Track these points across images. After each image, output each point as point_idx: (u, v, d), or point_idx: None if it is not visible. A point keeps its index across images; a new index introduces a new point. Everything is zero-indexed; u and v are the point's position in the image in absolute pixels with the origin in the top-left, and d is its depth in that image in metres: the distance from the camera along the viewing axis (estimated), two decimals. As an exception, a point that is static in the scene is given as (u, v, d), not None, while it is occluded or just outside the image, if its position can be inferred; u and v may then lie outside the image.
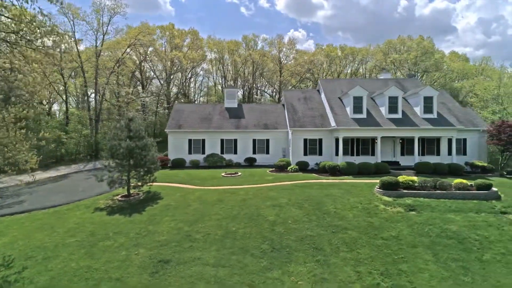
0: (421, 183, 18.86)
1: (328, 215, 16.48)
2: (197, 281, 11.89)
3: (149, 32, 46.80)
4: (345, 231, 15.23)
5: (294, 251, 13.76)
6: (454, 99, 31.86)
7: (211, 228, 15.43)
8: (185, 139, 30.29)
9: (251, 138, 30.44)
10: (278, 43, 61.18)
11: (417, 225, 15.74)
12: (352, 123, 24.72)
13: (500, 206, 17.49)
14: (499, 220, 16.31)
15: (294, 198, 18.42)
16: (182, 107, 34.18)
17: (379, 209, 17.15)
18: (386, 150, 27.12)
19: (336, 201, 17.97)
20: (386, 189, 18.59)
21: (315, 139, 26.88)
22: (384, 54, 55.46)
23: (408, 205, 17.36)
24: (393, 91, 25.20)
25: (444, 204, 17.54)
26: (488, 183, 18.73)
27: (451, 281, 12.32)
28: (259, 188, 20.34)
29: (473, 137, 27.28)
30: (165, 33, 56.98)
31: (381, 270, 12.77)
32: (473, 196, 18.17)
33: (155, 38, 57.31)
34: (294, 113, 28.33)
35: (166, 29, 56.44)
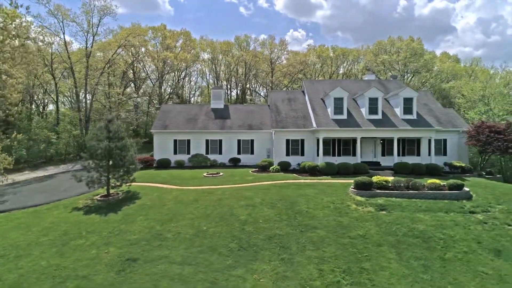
0: (394, 183, 19.20)
1: (299, 215, 16.79)
2: (161, 278, 12.19)
3: (139, 33, 47.07)
4: (314, 230, 15.54)
5: (261, 249, 14.07)
6: (436, 100, 32.21)
7: (182, 227, 15.73)
8: (171, 139, 30.61)
9: (235, 138, 30.77)
10: (270, 44, 61.54)
11: (386, 224, 16.08)
12: (333, 124, 25.05)
13: (470, 206, 17.84)
14: (466, 219, 16.67)
15: (269, 198, 18.73)
16: (168, 108, 34.50)
17: (350, 208, 17.48)
18: (367, 151, 27.47)
19: (310, 201, 18.28)
20: (359, 189, 18.92)
21: (297, 140, 27.22)
22: (374, 55, 55.84)
23: (379, 205, 17.69)
24: (373, 92, 25.54)
25: (415, 203, 17.87)
26: (460, 183, 19.06)
27: (411, 278, 12.66)
28: (237, 188, 20.64)
29: (453, 138, 27.65)
30: (157, 34, 57.23)
31: (344, 268, 13.10)
32: (444, 196, 18.51)
33: (148, 39, 57.67)
34: (278, 114, 28.66)
35: (157, 30, 56.72)
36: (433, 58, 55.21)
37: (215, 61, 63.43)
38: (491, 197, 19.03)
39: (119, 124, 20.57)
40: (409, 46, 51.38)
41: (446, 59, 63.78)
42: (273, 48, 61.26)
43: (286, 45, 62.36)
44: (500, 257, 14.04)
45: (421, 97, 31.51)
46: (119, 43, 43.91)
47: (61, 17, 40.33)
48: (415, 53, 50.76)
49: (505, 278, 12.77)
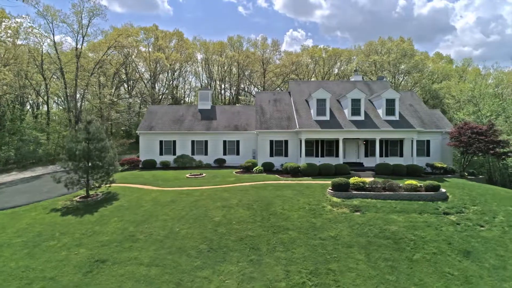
0: (371, 184, 19.30)
1: (273, 216, 16.88)
2: (127, 280, 12.28)
3: (130, 34, 47.09)
4: (286, 231, 15.63)
5: (230, 251, 14.16)
6: (422, 101, 32.33)
7: (155, 228, 15.81)
8: (156, 140, 30.68)
9: (221, 139, 30.85)
10: (262, 44, 61.64)
11: (358, 225, 16.17)
12: (315, 125, 25.14)
13: (445, 207, 17.96)
14: (439, 220, 16.78)
15: (246, 199, 18.81)
16: (155, 109, 34.57)
17: (325, 210, 17.57)
18: (350, 152, 27.58)
19: (286, 202, 18.37)
20: (336, 190, 19.02)
21: (281, 141, 27.32)
22: (366, 55, 55.95)
23: (354, 206, 17.78)
24: (355, 93, 25.64)
25: (390, 205, 17.98)
26: (436, 184, 19.18)
27: (376, 280, 12.76)
28: (216, 189, 20.72)
29: (436, 139, 27.75)
30: (149, 35, 57.25)
31: (311, 269, 13.19)
32: (420, 197, 18.61)
33: (140, 40, 57.71)
34: (262, 114, 28.75)
35: (149, 30, 56.75)
36: (424, 59, 55.34)
37: (209, 62, 63.48)
38: (467, 198, 19.16)
39: (98, 126, 20.62)
40: (399, 46, 51.51)
41: (439, 59, 63.91)
42: (265, 48, 61.37)
43: (279, 45, 62.51)
44: (469, 258, 14.15)
45: (407, 98, 31.65)
46: (109, 44, 43.92)
47: (50, 18, 40.37)
48: (405, 54, 50.87)
49: (470, 279, 12.89)
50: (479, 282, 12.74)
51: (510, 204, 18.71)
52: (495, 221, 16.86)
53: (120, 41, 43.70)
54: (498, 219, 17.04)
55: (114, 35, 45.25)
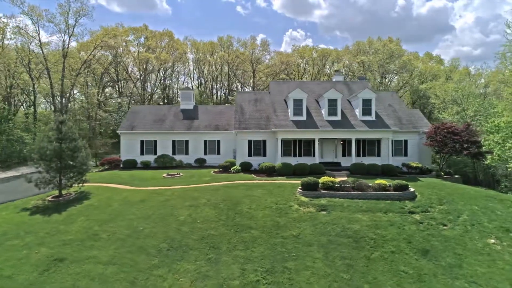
0: (340, 183, 19.45)
1: (239, 215, 17.02)
2: (82, 278, 12.41)
3: (116, 34, 47.15)
4: (249, 230, 15.78)
5: (190, 249, 14.31)
6: (402, 101, 32.53)
7: (120, 227, 15.94)
8: (137, 140, 30.78)
9: (202, 139, 30.97)
10: (251, 44, 61.77)
11: (322, 224, 16.33)
12: (291, 125, 25.30)
13: (411, 206, 18.12)
14: (403, 220, 16.94)
15: (215, 198, 18.94)
16: (137, 109, 34.67)
17: (292, 209, 17.72)
18: (328, 152, 27.74)
19: (254, 201, 18.51)
20: (305, 189, 19.17)
21: (259, 141, 27.46)
22: (353, 55, 56.15)
23: (321, 205, 17.93)
24: (331, 93, 25.80)
25: (357, 204, 18.13)
26: (404, 184, 19.35)
27: (330, 278, 12.94)
28: (188, 189, 20.85)
29: (414, 138, 27.92)
30: (138, 35, 57.30)
31: (267, 267, 13.35)
32: (387, 197, 18.77)
33: (131, 39, 57.77)
34: (242, 114, 28.89)
35: (139, 30, 56.81)
36: (413, 59, 55.54)
37: (199, 62, 63.56)
38: (435, 197, 19.33)
39: (71, 126, 20.74)
40: (386, 47, 51.69)
41: (429, 59, 64.14)
42: (254, 48, 61.51)
43: (268, 45, 62.66)
44: (426, 257, 14.33)
45: (387, 98, 31.84)
46: (95, 44, 44.00)
47: (36, 18, 40.43)
48: (392, 54, 51.05)
49: (424, 277, 13.07)
50: (432, 280, 12.93)
51: (476, 203, 18.89)
52: (459, 220, 17.04)
53: (106, 41, 43.78)
54: (462, 218, 17.22)
55: (100, 35, 45.31)
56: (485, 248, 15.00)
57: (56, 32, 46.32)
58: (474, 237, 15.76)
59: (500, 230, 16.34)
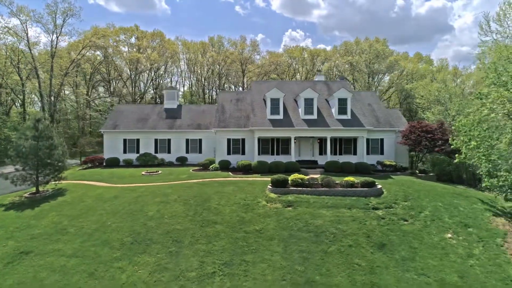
0: (309, 180, 19.94)
1: (206, 211, 17.49)
2: (43, 270, 12.89)
3: (105, 34, 47.59)
4: (214, 225, 16.25)
5: (153, 243, 14.78)
6: (380, 101, 33.06)
7: (88, 222, 16.40)
8: (120, 139, 31.24)
9: (184, 138, 31.47)
10: (241, 44, 62.31)
11: (286, 219, 16.78)
12: (268, 124, 25.79)
13: (376, 202, 18.61)
14: (366, 215, 17.42)
15: (186, 195, 19.41)
16: (122, 108, 35.14)
17: (259, 205, 18.18)
18: (306, 150, 28.24)
19: (223, 198, 18.98)
20: (275, 186, 19.64)
21: (238, 139, 27.95)
22: (341, 55, 56.72)
23: (288, 202, 18.40)
24: (308, 93, 26.31)
25: (323, 200, 18.61)
26: (371, 181, 19.86)
27: (285, 270, 13.42)
28: (162, 186, 21.33)
29: (390, 137, 28.43)
30: (129, 35, 57.73)
31: (226, 260, 13.83)
32: (354, 193, 19.25)
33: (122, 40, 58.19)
34: (222, 113, 29.39)
35: (129, 30, 57.24)
36: (400, 59, 56.09)
37: (189, 62, 64.07)
38: (402, 194, 19.82)
39: (47, 124, 21.20)
40: (371, 47, 52.23)
41: (418, 60, 64.73)
42: (244, 48, 62.05)
43: (258, 45, 63.21)
44: (382, 251, 14.82)
45: (367, 98, 32.37)
46: (83, 44, 44.45)
47: (24, 18, 40.85)
48: (377, 55, 51.59)
49: (376, 269, 13.57)
50: (383, 272, 13.43)
51: (441, 200, 19.41)
52: (420, 216, 17.55)
53: (94, 41, 44.21)
54: (423, 214, 17.73)
55: (89, 36, 45.77)
56: (441, 242, 15.52)
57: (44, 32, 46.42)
58: (432, 231, 16.27)
59: (459, 226, 16.87)
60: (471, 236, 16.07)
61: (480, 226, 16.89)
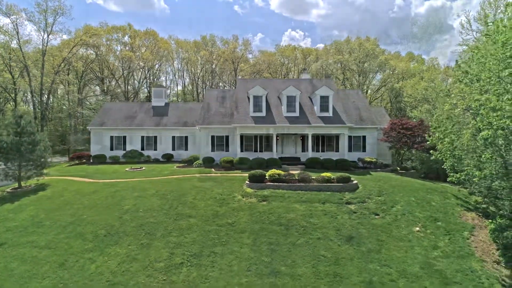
0: (285, 175, 20.30)
1: (182, 205, 17.84)
2: (14, 260, 13.25)
3: (95, 33, 47.88)
4: (188, 218, 16.59)
5: (126, 235, 15.13)
6: (365, 99, 33.43)
7: (64, 216, 16.75)
8: (107, 136, 31.57)
9: (171, 135, 31.81)
10: (232, 43, 62.65)
11: (259, 213, 17.14)
12: (250, 121, 26.15)
13: (349, 197, 18.97)
14: (338, 209, 17.78)
15: (164, 189, 19.76)
16: (110, 106, 35.47)
17: (234, 199, 18.54)
18: (289, 147, 28.64)
19: (200, 192, 19.33)
20: (252, 181, 20.00)
21: (222, 136, 28.31)
22: (331, 55, 57.07)
23: (263, 196, 18.76)
24: (290, 90, 26.67)
25: (298, 195, 18.97)
26: (346, 176, 20.23)
27: (252, 261, 13.79)
28: (142, 181, 21.68)
29: (372, 135, 28.77)
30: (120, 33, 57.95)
31: (195, 252, 14.18)
32: (329, 188, 19.60)
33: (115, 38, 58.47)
34: (208, 111, 29.74)
35: (121, 29, 57.48)
36: (391, 58, 56.46)
37: (182, 60, 64.40)
38: (377, 189, 20.19)
39: (29, 120, 21.51)
40: (361, 46, 52.59)
41: (409, 59, 65.14)
42: (235, 47, 62.39)
43: (250, 44, 63.56)
44: (349, 243, 15.18)
45: (353, 96, 32.74)
46: (74, 43, 44.77)
47: (14, 17, 41.13)
48: (367, 54, 51.93)
49: (340, 261, 13.94)
50: (347, 263, 13.80)
51: (414, 195, 19.81)
52: (392, 210, 17.93)
53: (84, 39, 44.52)
54: (395, 208, 18.11)
55: (80, 34, 46.08)
56: (408, 235, 15.90)
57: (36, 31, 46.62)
58: (401, 225, 16.66)
59: (429, 220, 17.28)
60: (439, 229, 16.48)
61: (449, 220, 17.30)
